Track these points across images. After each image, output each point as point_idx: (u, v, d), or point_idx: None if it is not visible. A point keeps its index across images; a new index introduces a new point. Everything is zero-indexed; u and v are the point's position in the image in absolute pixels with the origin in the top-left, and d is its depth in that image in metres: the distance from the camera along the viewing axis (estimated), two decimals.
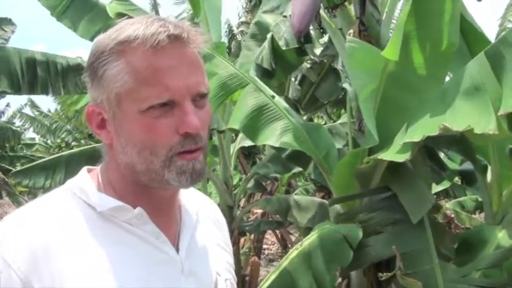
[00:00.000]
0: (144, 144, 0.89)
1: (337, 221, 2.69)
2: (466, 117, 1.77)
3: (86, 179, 0.97)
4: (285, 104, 3.18)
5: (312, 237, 2.37)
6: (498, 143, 2.87)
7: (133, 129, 0.89)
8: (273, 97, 3.27)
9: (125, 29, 0.90)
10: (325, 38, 5.92)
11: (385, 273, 2.24)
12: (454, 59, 2.38)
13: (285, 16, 4.52)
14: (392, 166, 2.55)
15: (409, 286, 2.18)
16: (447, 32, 2.23)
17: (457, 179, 5.72)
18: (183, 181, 0.91)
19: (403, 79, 2.50)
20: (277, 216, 5.89)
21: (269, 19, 5.21)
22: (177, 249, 0.97)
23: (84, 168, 1.01)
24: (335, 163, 2.94)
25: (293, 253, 2.24)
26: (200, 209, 1.08)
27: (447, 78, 2.59)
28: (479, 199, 5.75)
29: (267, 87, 3.22)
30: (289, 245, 7.72)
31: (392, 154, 2.13)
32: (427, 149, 3.05)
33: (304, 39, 4.59)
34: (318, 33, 6.07)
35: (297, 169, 5.50)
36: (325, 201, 5.12)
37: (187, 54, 0.90)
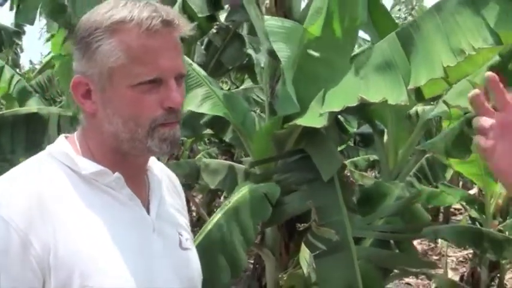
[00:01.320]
0: (130, 116, 0.99)
1: (255, 181, 2.92)
2: (380, 89, 2.05)
3: (65, 145, 1.05)
4: (203, 71, 3.31)
5: (238, 195, 2.59)
6: (396, 108, 3.26)
7: (121, 101, 0.98)
8: (191, 64, 3.39)
9: (119, 10, 0.98)
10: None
11: (302, 224, 2.52)
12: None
13: None
14: (307, 130, 2.81)
15: (323, 234, 2.49)
16: (358, 9, 2.50)
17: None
18: (164, 148, 1.02)
19: (316, 50, 2.74)
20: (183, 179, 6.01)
21: None
22: (147, 211, 1.09)
23: (62, 136, 1.08)
24: (252, 128, 3.16)
25: (223, 209, 2.45)
26: (163, 176, 1.20)
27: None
28: (371, 159, 6.35)
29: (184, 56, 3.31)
30: (193, 207, 7.92)
31: (311, 120, 2.38)
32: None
33: (216, 5, 4.70)
34: None
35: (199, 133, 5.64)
36: (234, 163, 5.36)
37: (174, 38, 1.01)
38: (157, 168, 1.18)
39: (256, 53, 7.33)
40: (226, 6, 5.91)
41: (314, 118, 2.36)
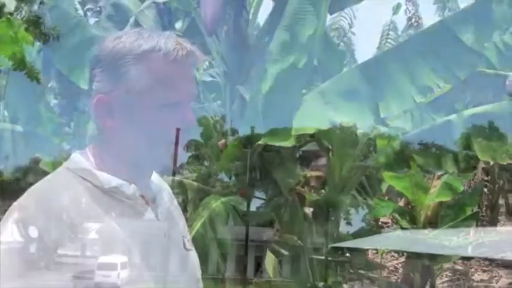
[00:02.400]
0: (153, 132, 1.06)
1: (222, 195, 3.16)
2: (348, 115, 2.38)
3: (84, 161, 1.11)
4: None
5: (212, 207, 2.82)
6: (341, 129, 3.62)
7: (145, 119, 1.06)
8: None
9: (146, 40, 1.09)
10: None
11: (272, 232, 2.79)
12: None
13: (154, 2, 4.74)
14: (268, 148, 3.10)
15: (287, 241, 2.77)
16: (316, 44, 2.84)
17: None
18: (176, 163, 1.08)
19: (281, 78, 3.06)
20: None
21: (127, 1, 5.38)
22: (156, 217, 1.16)
23: (77, 152, 1.14)
24: (215, 146, 3.42)
25: (200, 220, 2.67)
26: (161, 185, 1.27)
27: None
28: (308, 175, 6.73)
29: None
30: None
31: (281, 140, 2.67)
32: None
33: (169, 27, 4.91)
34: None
35: None
36: (183, 180, 5.54)
37: (192, 66, 1.14)
38: (154, 178, 1.26)
39: (197, 72, 7.62)
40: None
41: (283, 138, 2.65)
